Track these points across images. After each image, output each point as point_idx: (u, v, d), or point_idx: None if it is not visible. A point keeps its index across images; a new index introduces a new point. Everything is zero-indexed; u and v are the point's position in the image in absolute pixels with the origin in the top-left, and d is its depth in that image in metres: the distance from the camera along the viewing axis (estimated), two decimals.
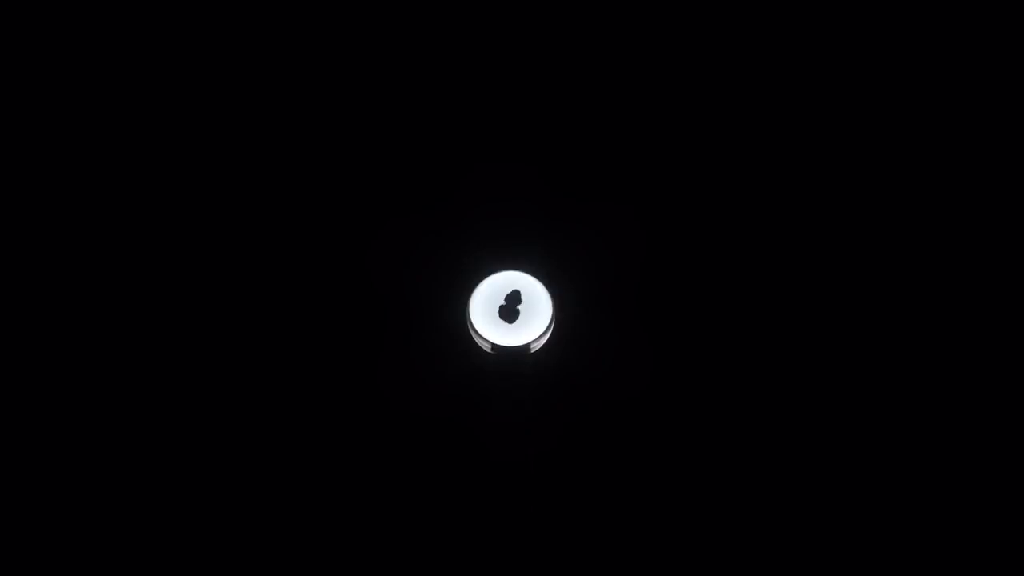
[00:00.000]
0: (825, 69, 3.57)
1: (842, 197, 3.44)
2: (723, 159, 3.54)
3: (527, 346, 2.85)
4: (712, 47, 3.63)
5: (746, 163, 3.58)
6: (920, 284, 3.31)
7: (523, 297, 2.87)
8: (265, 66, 3.58)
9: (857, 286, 3.30)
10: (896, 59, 3.55)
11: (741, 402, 3.19)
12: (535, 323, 2.85)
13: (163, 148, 3.47)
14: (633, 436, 3.18)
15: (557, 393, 3.14)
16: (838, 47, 3.57)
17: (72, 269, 3.30)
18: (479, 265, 3.26)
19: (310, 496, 3.10)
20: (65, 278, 3.29)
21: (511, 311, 2.87)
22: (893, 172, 3.43)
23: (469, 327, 2.89)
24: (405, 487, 3.11)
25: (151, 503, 3.06)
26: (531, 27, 3.74)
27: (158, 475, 3.07)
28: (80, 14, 3.55)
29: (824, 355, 3.24)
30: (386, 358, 3.25)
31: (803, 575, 3.03)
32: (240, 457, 3.14)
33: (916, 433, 3.15)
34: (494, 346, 2.85)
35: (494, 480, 2.99)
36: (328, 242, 3.97)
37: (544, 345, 2.90)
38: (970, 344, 3.22)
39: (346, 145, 3.99)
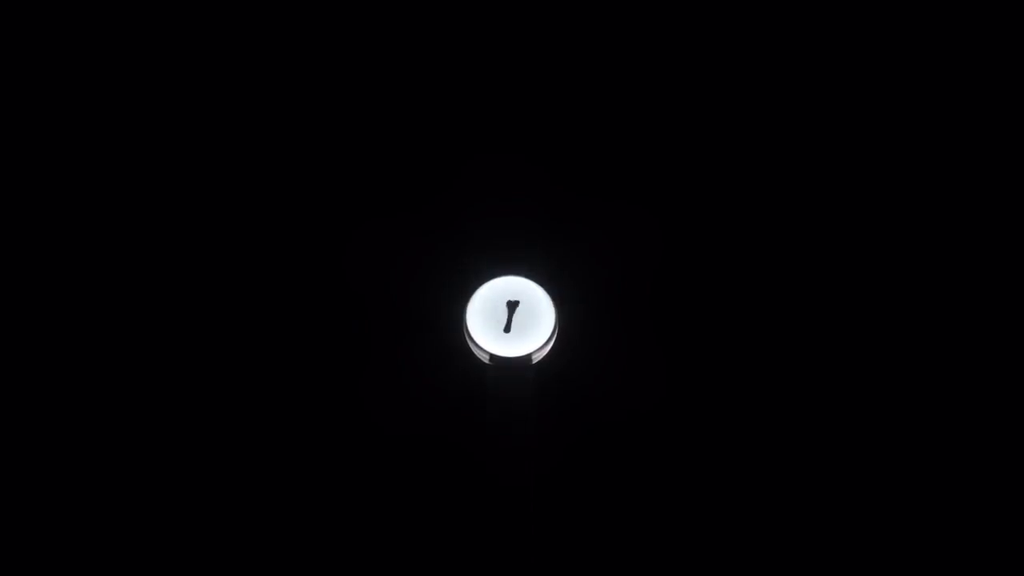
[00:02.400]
0: (839, 66, 3.55)
1: (858, 195, 3.42)
2: (739, 155, 3.54)
3: (528, 356, 2.68)
4: (724, 40, 3.79)
5: (764, 160, 3.72)
6: (945, 293, 3.24)
7: (524, 304, 2.72)
8: (254, 62, 3.65)
9: (878, 287, 3.25)
10: (907, 59, 3.55)
11: (759, 416, 3.12)
12: (537, 332, 2.70)
13: (143, 146, 3.43)
14: (644, 454, 3.11)
15: (561, 407, 3.07)
16: (849, 45, 3.58)
17: (37, 270, 3.24)
18: (477, 268, 3.21)
19: (295, 518, 3.02)
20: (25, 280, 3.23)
21: (511, 319, 2.71)
22: (911, 173, 3.44)
23: (466, 336, 2.72)
24: (397, 509, 3.03)
25: (126, 519, 2.99)
26: (532, 22, 3.82)
27: (134, 492, 3.02)
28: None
29: (850, 364, 3.17)
30: (376, 370, 3.17)
31: None
32: (223, 474, 3.07)
33: (941, 444, 3.09)
34: (493, 357, 2.68)
35: (493, 503, 2.84)
36: (316, 245, 4.08)
37: (546, 356, 2.73)
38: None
39: (336, 144, 4.09)
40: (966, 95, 3.45)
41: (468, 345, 2.74)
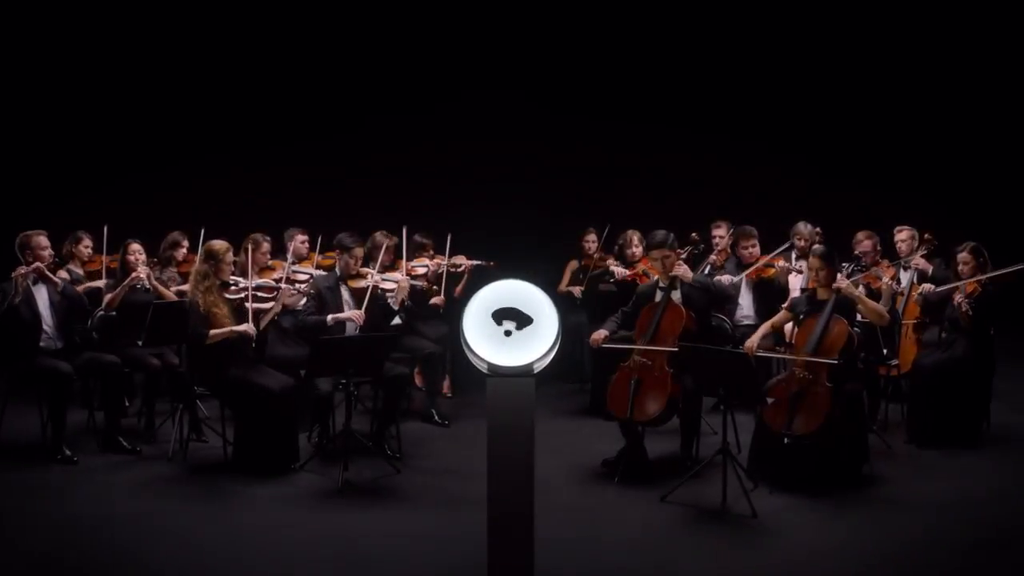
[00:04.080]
0: (840, 66, 3.85)
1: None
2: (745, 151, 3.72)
3: (529, 366, 2.38)
4: (731, 37, 3.87)
5: (773, 158, 3.71)
6: None
7: (524, 309, 2.43)
8: (254, 63, 3.78)
9: None
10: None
11: None
12: (538, 340, 2.41)
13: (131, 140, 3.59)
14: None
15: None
16: (847, 43, 3.86)
17: None
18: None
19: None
20: None
21: (511, 326, 2.43)
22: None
23: (463, 344, 2.44)
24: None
25: None
26: (534, 20, 3.96)
27: None
28: None
29: None
30: None
31: None
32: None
33: None
34: (492, 366, 2.39)
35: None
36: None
37: (549, 366, 2.47)
38: None
39: (336, 142, 4.08)
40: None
41: (467, 355, 2.48)
